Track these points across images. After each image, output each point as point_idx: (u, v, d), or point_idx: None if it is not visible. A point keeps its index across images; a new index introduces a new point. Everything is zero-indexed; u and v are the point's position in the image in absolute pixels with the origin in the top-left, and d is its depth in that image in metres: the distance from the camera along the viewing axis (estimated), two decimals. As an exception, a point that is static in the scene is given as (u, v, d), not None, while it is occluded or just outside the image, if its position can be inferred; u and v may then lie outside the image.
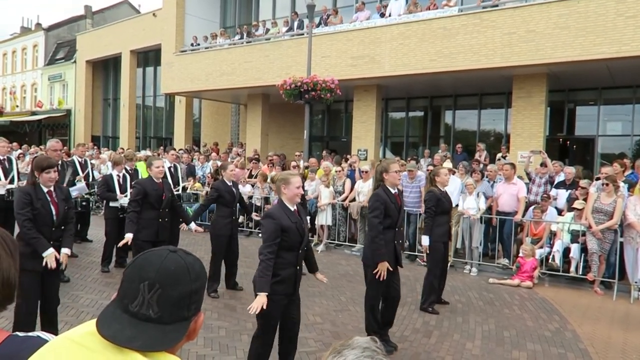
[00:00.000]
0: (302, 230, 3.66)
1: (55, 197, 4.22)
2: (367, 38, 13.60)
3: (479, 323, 5.55)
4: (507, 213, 8.18)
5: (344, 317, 5.62)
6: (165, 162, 8.64)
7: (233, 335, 4.90)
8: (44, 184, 4.16)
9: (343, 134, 18.50)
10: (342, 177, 9.91)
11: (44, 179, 4.13)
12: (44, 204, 4.10)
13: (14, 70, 33.29)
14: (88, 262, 7.72)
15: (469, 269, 8.00)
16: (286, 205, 3.67)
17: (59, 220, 4.19)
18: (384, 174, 4.68)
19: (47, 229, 4.11)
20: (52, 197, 4.19)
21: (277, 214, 3.61)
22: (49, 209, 4.14)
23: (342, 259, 8.78)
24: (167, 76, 19.05)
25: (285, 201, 3.68)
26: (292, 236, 3.59)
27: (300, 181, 3.76)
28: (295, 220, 3.63)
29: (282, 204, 3.70)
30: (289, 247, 3.60)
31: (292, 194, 3.67)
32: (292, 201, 3.69)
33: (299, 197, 3.75)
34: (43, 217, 4.08)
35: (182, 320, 1.07)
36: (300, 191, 3.73)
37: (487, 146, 13.65)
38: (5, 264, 1.19)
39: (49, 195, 4.18)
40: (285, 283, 3.59)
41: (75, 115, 27.62)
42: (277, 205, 3.75)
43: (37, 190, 4.13)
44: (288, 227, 3.56)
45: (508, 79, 12.50)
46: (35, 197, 4.07)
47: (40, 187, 4.16)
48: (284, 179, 3.73)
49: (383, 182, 4.68)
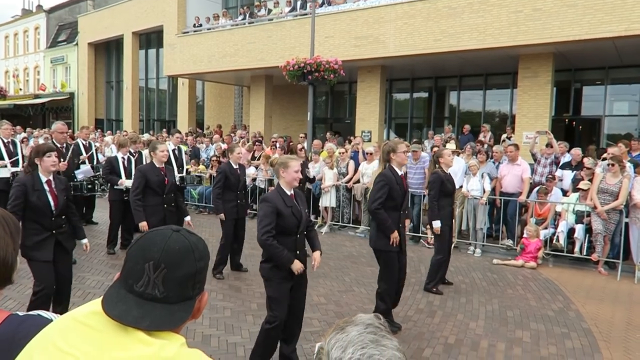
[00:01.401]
0: (298, 215, 3.65)
1: (54, 187, 4.17)
2: (371, 18, 13.42)
3: (482, 303, 5.58)
4: (511, 194, 8.15)
5: (348, 297, 5.66)
6: (170, 145, 8.65)
7: (238, 315, 4.95)
8: (46, 170, 4.10)
9: (347, 116, 18.41)
10: (346, 158, 9.89)
11: (45, 164, 4.08)
12: (40, 195, 4.05)
13: (16, 53, 33.14)
14: (94, 245, 7.77)
15: (472, 250, 8.02)
16: (283, 190, 3.67)
17: (58, 210, 4.16)
18: (391, 154, 4.65)
19: (47, 219, 4.10)
20: (50, 187, 4.14)
21: (272, 197, 3.62)
22: (45, 200, 4.08)
23: (346, 241, 8.81)
24: (170, 58, 18.93)
25: (283, 185, 3.69)
26: (288, 220, 3.58)
27: (299, 165, 3.74)
28: (291, 204, 3.63)
29: (279, 187, 3.70)
30: (285, 231, 3.60)
31: (291, 177, 3.66)
32: (290, 185, 3.69)
33: (297, 181, 3.73)
34: (40, 208, 4.05)
35: (188, 299, 1.07)
36: (299, 175, 3.72)
37: (492, 127, 13.57)
38: (3, 242, 1.19)
39: (48, 185, 4.12)
40: (284, 268, 3.59)
41: (79, 98, 27.55)
42: (274, 189, 3.76)
43: (35, 181, 4.06)
44: (283, 210, 3.56)
45: (514, 58, 12.35)
46: (31, 188, 4.02)
47: (38, 177, 4.08)
48: (283, 163, 3.71)
49: (390, 163, 4.66)
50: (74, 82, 27.94)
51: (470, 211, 8.13)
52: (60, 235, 4.19)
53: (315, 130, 15.43)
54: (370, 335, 0.92)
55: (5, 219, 1.22)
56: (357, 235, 9.19)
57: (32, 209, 4.05)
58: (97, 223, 9.24)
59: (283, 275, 3.60)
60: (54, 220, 4.14)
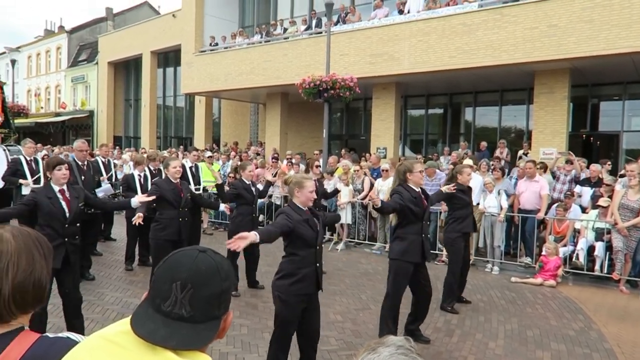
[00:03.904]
0: (314, 226, 3.68)
1: (67, 195, 4.30)
2: (386, 35, 13.54)
3: (501, 322, 5.50)
4: (529, 211, 8.07)
5: (365, 315, 5.62)
6: (187, 162, 8.76)
7: (255, 333, 4.94)
8: (57, 182, 4.25)
9: (362, 132, 18.46)
10: (361, 175, 9.90)
11: (56, 177, 4.24)
12: (53, 201, 4.19)
13: (39, 73, 34.04)
14: (112, 261, 7.88)
15: (490, 268, 7.92)
16: (297, 206, 3.70)
17: (71, 216, 4.26)
18: (407, 174, 4.66)
19: (60, 225, 4.19)
20: (64, 195, 4.28)
21: (289, 211, 3.65)
22: (59, 205, 4.21)
23: (362, 258, 8.77)
24: (187, 76, 19.25)
25: (298, 204, 3.71)
26: (306, 232, 3.61)
27: (313, 185, 3.77)
28: (307, 217, 3.66)
29: (292, 204, 3.73)
30: (305, 244, 3.62)
31: (305, 198, 3.69)
32: (304, 205, 3.71)
33: (311, 201, 3.75)
34: (54, 213, 4.18)
35: (214, 319, 1.09)
36: (313, 196, 3.74)
37: (508, 143, 13.48)
38: (38, 265, 1.22)
39: (61, 194, 4.27)
40: (305, 281, 3.59)
41: (98, 115, 28.12)
42: (288, 206, 3.78)
43: (47, 190, 4.25)
44: (300, 223, 3.59)
45: (530, 74, 12.31)
46: (44, 196, 4.19)
47: (50, 187, 4.26)
48: (298, 183, 3.73)
49: (406, 182, 4.67)
50: (93, 100, 28.56)
51: (487, 228, 8.05)
52: (70, 245, 4.26)
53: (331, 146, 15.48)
54: (401, 357, 0.93)
55: (39, 241, 1.26)
56: (373, 252, 9.15)
57: (46, 214, 4.19)
58: (115, 239, 9.35)
59: (299, 295, 3.59)
60: (67, 227, 4.23)
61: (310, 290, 3.65)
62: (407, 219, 4.62)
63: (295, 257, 3.62)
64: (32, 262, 1.20)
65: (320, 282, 3.73)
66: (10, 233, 1.21)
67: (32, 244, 1.23)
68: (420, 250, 4.63)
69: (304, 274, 3.60)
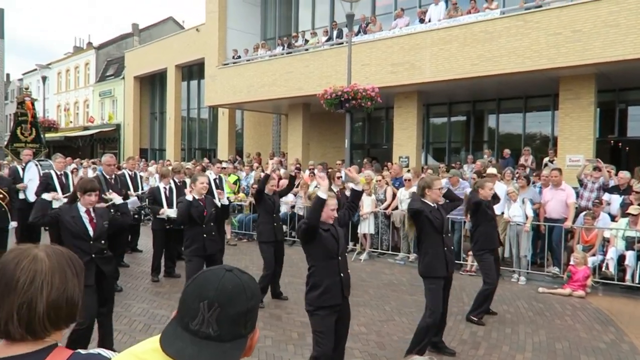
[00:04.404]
0: (336, 235, 3.71)
1: (92, 214, 4.39)
2: (407, 44, 13.54)
3: (529, 334, 5.40)
4: (556, 220, 7.92)
5: (389, 327, 5.59)
6: (211, 174, 8.89)
7: (279, 345, 4.96)
8: (84, 205, 4.35)
9: (384, 141, 18.42)
10: (384, 185, 9.88)
11: (85, 201, 4.34)
12: (76, 220, 4.29)
13: (68, 88, 35.07)
14: (139, 272, 8.02)
15: (517, 278, 7.78)
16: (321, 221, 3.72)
17: (96, 234, 4.34)
18: (426, 189, 4.66)
19: (84, 242, 4.27)
20: (89, 214, 4.37)
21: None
22: (82, 225, 4.30)
23: (386, 268, 8.73)
24: (211, 89, 19.57)
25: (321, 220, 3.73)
26: (328, 242, 3.64)
27: (336, 203, 3.79)
28: (328, 227, 3.69)
29: None
30: (326, 255, 3.64)
31: (327, 215, 3.72)
32: (325, 221, 3.73)
33: (332, 219, 3.77)
34: (76, 232, 4.27)
35: (240, 337, 1.11)
36: (334, 214, 3.77)
37: (533, 150, 13.28)
38: (70, 284, 1.25)
39: (87, 214, 4.35)
40: (331, 292, 3.60)
41: (125, 129, 28.78)
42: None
43: (72, 209, 4.34)
44: (322, 232, 3.63)
45: (554, 80, 12.14)
46: (67, 214, 4.29)
47: (76, 207, 4.36)
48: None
49: (423, 197, 4.68)
50: (120, 114, 29.25)
51: (513, 238, 7.93)
52: (99, 259, 4.35)
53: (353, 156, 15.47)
54: None
55: (71, 259, 1.30)
56: (396, 262, 9.09)
57: (68, 233, 4.29)
58: (142, 251, 9.52)
59: (330, 306, 3.61)
60: (92, 244, 4.31)
61: (337, 300, 3.66)
62: (427, 232, 4.60)
63: (318, 268, 3.66)
64: (65, 281, 1.25)
65: (345, 291, 3.73)
66: (45, 252, 1.26)
67: (65, 263, 1.28)
68: (444, 264, 4.60)
69: (328, 284, 3.61)
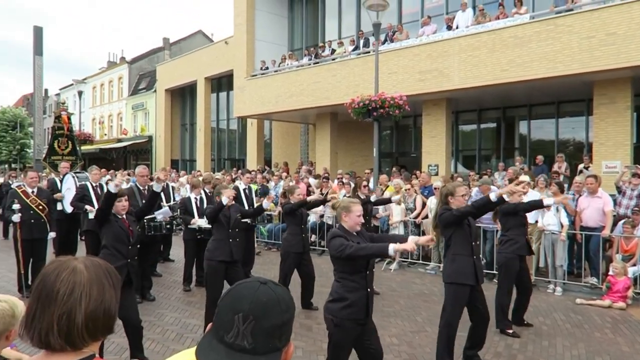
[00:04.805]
0: None
1: (127, 220, 4.80)
2: (435, 52, 13.45)
3: (567, 347, 5.22)
4: (593, 228, 7.67)
5: (421, 338, 5.50)
6: (241, 184, 8.99)
7: (310, 355, 4.95)
8: (117, 212, 4.71)
9: (412, 150, 18.28)
10: (413, 194, 9.78)
11: (117, 208, 4.69)
12: (120, 224, 4.69)
13: (102, 102, 36.18)
14: (171, 282, 8.14)
15: (552, 289, 7.56)
16: (346, 230, 3.67)
17: (134, 239, 4.72)
18: (449, 197, 4.56)
19: (124, 247, 4.64)
20: (124, 221, 4.77)
21: (341, 232, 3.63)
22: (125, 228, 4.70)
23: (416, 278, 8.61)
24: (239, 100, 19.85)
25: (347, 228, 3.68)
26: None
27: (361, 209, 3.73)
28: (358, 241, 3.61)
29: (342, 228, 3.70)
30: (355, 270, 3.57)
31: (353, 222, 3.66)
32: (352, 229, 3.67)
33: (359, 225, 3.70)
34: (120, 235, 4.63)
35: (275, 350, 1.11)
36: (361, 220, 3.70)
37: (566, 157, 12.93)
38: (108, 295, 1.29)
39: (123, 222, 4.76)
40: (355, 306, 3.52)
41: (156, 140, 29.45)
42: (337, 229, 3.76)
43: (113, 215, 4.75)
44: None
45: (588, 85, 11.83)
46: (113, 219, 4.69)
47: (113, 215, 4.73)
48: (345, 207, 3.69)
49: (448, 205, 4.58)
50: (152, 126, 29.96)
51: (548, 247, 7.71)
52: (132, 266, 4.65)
53: (381, 165, 15.41)
54: None
55: (109, 271, 1.33)
56: (427, 272, 8.97)
57: (111, 237, 4.62)
58: (174, 260, 9.67)
59: (351, 320, 3.51)
60: (130, 249, 4.67)
61: (360, 315, 3.56)
62: (456, 239, 4.51)
63: (346, 281, 3.58)
64: (102, 292, 1.28)
65: (370, 308, 3.64)
66: (83, 264, 1.29)
67: (102, 275, 1.31)
68: (472, 272, 4.48)
69: (354, 299, 3.53)
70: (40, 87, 18.21)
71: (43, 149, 14.98)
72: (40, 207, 7.14)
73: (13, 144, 41.31)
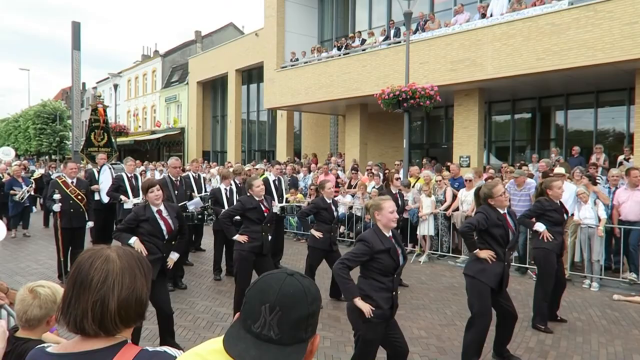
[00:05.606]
0: (396, 257, 3.58)
1: (165, 215, 4.71)
2: (468, 41, 13.16)
3: (602, 344, 5.08)
4: (633, 222, 7.40)
5: (450, 331, 5.45)
6: (270, 176, 9.05)
7: (338, 346, 4.97)
8: (152, 203, 4.68)
9: (444, 141, 18.02)
10: (443, 186, 9.65)
11: (150, 199, 4.68)
12: (151, 222, 4.62)
13: (137, 95, 37.00)
14: (202, 271, 8.31)
15: (588, 284, 7.35)
16: (381, 231, 3.60)
17: (171, 235, 4.66)
18: (489, 200, 4.38)
19: (160, 242, 4.64)
20: (161, 215, 4.68)
21: (370, 238, 3.55)
22: (157, 226, 4.64)
23: (446, 271, 8.52)
24: (269, 92, 19.95)
25: (381, 227, 3.62)
26: (386, 261, 3.52)
27: (393, 205, 3.65)
28: (390, 245, 3.54)
29: (376, 228, 3.64)
30: (383, 272, 3.54)
31: (386, 219, 3.59)
32: (387, 227, 3.60)
33: (394, 222, 3.62)
34: (153, 233, 4.63)
35: (301, 342, 1.12)
36: (395, 216, 3.61)
37: (605, 148, 12.49)
38: (139, 283, 1.32)
39: (159, 214, 4.68)
40: (381, 308, 3.51)
41: (188, 132, 29.95)
42: (371, 229, 3.69)
43: (147, 210, 4.69)
44: (381, 252, 3.51)
45: (630, 73, 11.36)
46: (142, 216, 4.65)
47: (149, 207, 4.69)
48: (376, 205, 3.64)
49: (486, 204, 4.42)
50: (184, 118, 30.46)
51: (584, 241, 7.50)
52: (166, 261, 4.70)
53: (411, 156, 15.24)
54: None
55: (140, 260, 1.37)
56: (457, 265, 8.85)
57: (146, 233, 4.65)
58: (205, 250, 9.85)
59: (378, 315, 3.49)
60: (165, 245, 4.68)
61: (386, 316, 3.56)
62: (488, 244, 4.36)
63: (372, 280, 3.56)
64: (134, 280, 1.31)
65: (394, 310, 3.63)
66: (116, 253, 1.33)
67: (134, 264, 1.34)
68: (498, 278, 4.32)
69: (380, 300, 3.52)
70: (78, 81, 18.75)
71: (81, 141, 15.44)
72: (79, 197, 7.37)
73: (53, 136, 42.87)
